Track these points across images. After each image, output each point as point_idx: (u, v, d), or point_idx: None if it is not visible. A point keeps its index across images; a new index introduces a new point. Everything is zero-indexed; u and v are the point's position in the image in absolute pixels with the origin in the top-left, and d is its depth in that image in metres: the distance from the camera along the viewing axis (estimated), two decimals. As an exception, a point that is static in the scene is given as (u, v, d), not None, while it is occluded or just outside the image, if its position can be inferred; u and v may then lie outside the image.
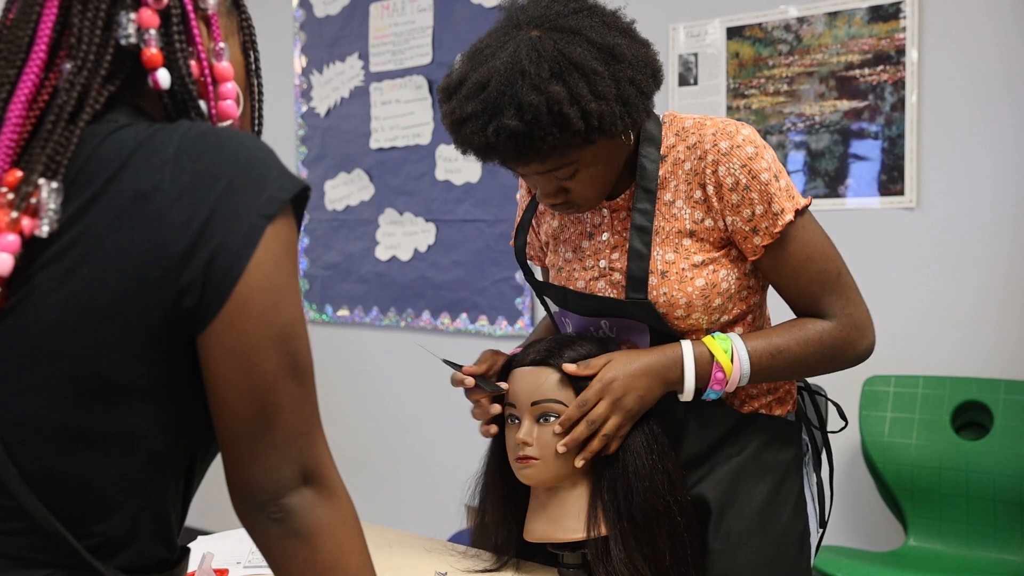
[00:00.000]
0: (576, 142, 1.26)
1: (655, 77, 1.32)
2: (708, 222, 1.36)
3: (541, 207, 1.55)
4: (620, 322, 1.41)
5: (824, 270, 1.36)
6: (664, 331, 1.37)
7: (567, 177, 1.33)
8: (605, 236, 1.44)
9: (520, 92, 1.22)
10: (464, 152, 1.32)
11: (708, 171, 1.34)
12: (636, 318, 1.38)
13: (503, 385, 1.41)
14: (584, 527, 1.36)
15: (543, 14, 1.29)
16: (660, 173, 1.38)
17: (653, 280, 1.36)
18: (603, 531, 1.36)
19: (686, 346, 1.35)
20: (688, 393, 1.35)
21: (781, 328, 1.38)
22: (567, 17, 1.28)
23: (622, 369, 1.33)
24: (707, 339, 1.35)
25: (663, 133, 1.40)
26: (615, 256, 1.42)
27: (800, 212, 1.34)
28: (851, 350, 1.37)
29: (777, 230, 1.33)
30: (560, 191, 1.36)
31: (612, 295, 1.41)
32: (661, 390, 1.35)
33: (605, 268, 1.42)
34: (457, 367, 1.43)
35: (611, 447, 1.34)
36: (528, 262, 1.59)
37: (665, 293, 1.35)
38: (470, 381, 1.40)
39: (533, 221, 1.59)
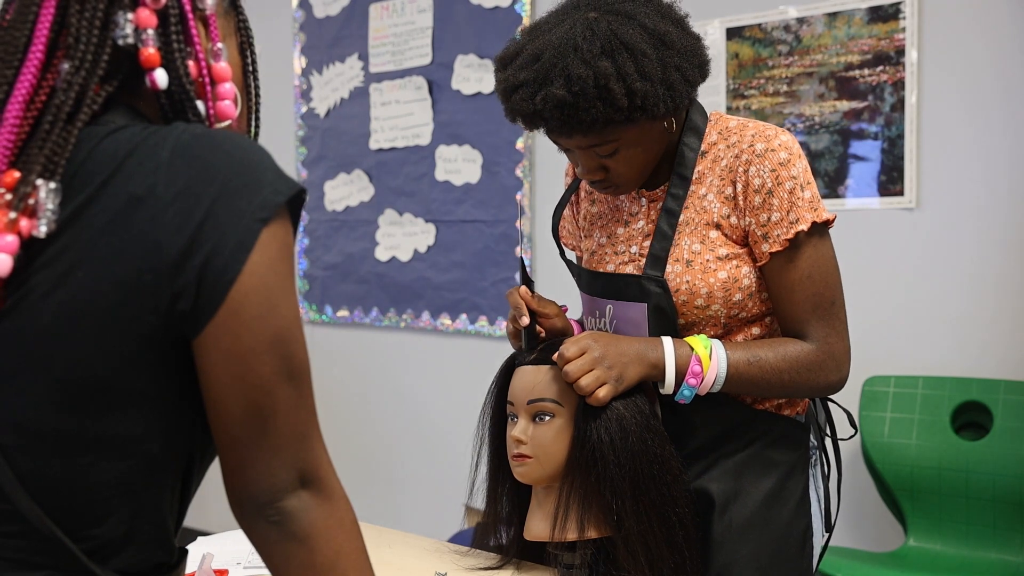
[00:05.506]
0: (619, 118, 1.30)
1: (701, 68, 1.37)
2: (733, 219, 1.39)
3: (582, 192, 1.59)
4: (623, 311, 1.42)
5: (819, 293, 1.37)
6: (664, 323, 1.38)
7: (607, 155, 1.37)
8: (640, 224, 1.47)
9: (570, 65, 1.28)
10: (512, 120, 1.38)
11: (740, 169, 1.38)
12: (647, 298, 1.39)
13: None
14: (577, 529, 1.36)
15: None
16: (699, 168, 1.42)
17: (678, 268, 1.39)
18: (598, 533, 1.35)
19: (666, 338, 1.37)
20: (669, 381, 1.35)
21: (761, 341, 1.40)
22: (624, 2, 1.34)
23: (604, 341, 1.35)
24: (688, 338, 1.37)
25: (707, 129, 1.45)
26: (646, 244, 1.45)
27: (818, 226, 1.36)
28: (822, 378, 1.38)
29: (787, 238, 1.35)
30: (600, 168, 1.40)
31: None
32: (641, 369, 1.35)
33: (635, 254, 1.46)
34: (529, 283, 1.47)
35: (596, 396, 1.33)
36: (562, 244, 1.63)
37: (688, 281, 1.38)
38: (525, 321, 1.43)
39: (572, 204, 1.62)
